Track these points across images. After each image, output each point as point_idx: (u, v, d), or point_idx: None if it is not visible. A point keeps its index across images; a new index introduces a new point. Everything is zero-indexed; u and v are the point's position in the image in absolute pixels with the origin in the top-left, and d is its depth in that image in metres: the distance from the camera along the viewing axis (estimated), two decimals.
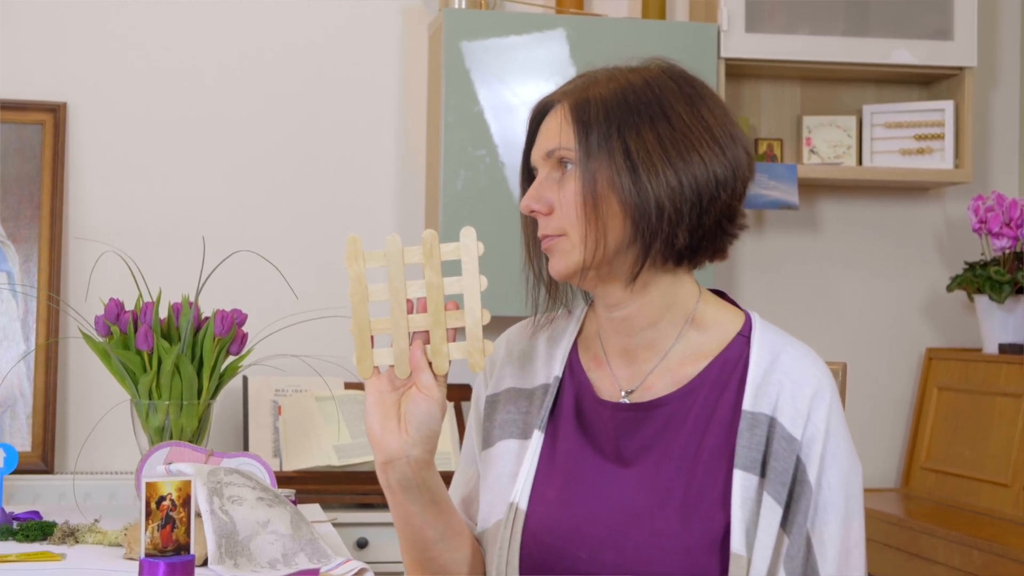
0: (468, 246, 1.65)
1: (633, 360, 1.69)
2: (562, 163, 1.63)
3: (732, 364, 1.65)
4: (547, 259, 1.70)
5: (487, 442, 1.74)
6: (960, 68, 3.62)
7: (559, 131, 1.63)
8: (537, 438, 1.69)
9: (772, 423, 1.59)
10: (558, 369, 1.73)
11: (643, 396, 1.67)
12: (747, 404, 1.61)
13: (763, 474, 1.58)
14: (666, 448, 1.63)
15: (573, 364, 1.74)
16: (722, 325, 1.68)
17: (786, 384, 1.61)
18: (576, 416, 1.69)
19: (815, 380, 1.62)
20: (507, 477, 1.69)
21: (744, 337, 1.67)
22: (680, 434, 1.63)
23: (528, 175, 1.71)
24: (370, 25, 3.56)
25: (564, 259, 1.63)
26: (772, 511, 1.57)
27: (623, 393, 1.67)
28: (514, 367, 1.78)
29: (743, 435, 1.59)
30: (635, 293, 1.65)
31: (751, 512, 1.57)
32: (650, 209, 1.59)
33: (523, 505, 1.65)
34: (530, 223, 1.71)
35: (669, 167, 1.59)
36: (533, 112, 1.70)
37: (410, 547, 1.68)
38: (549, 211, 1.63)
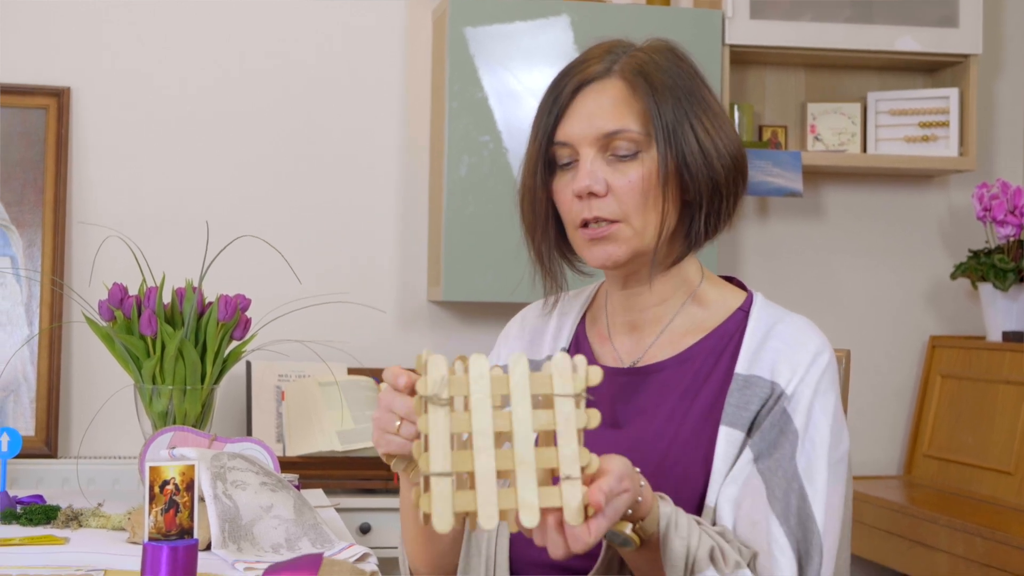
0: (563, 369, 1.36)
1: (637, 334, 1.71)
2: (617, 144, 1.61)
3: (729, 335, 1.67)
4: (554, 246, 1.70)
5: None
6: (965, 55, 3.61)
7: (629, 111, 1.61)
8: None
9: (773, 387, 1.60)
10: (564, 341, 1.75)
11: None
12: (740, 368, 1.63)
13: (750, 433, 1.59)
14: (655, 411, 1.64)
15: (579, 337, 1.76)
16: (723, 301, 1.71)
17: (784, 349, 1.62)
18: None
19: (813, 345, 1.63)
20: None
21: (744, 312, 1.70)
22: (671, 398, 1.64)
23: (546, 152, 1.66)
24: (374, 11, 3.55)
25: (623, 246, 1.62)
26: (747, 460, 1.58)
27: (627, 366, 1.69)
28: (524, 341, 1.80)
29: (732, 395, 1.61)
30: (656, 275, 1.66)
31: (732, 467, 1.58)
32: (719, 194, 1.63)
33: None
34: (543, 201, 1.68)
35: (727, 152, 1.63)
36: (571, 86, 1.65)
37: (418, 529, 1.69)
38: (605, 193, 1.61)
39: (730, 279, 1.76)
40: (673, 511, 1.49)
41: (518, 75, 3.34)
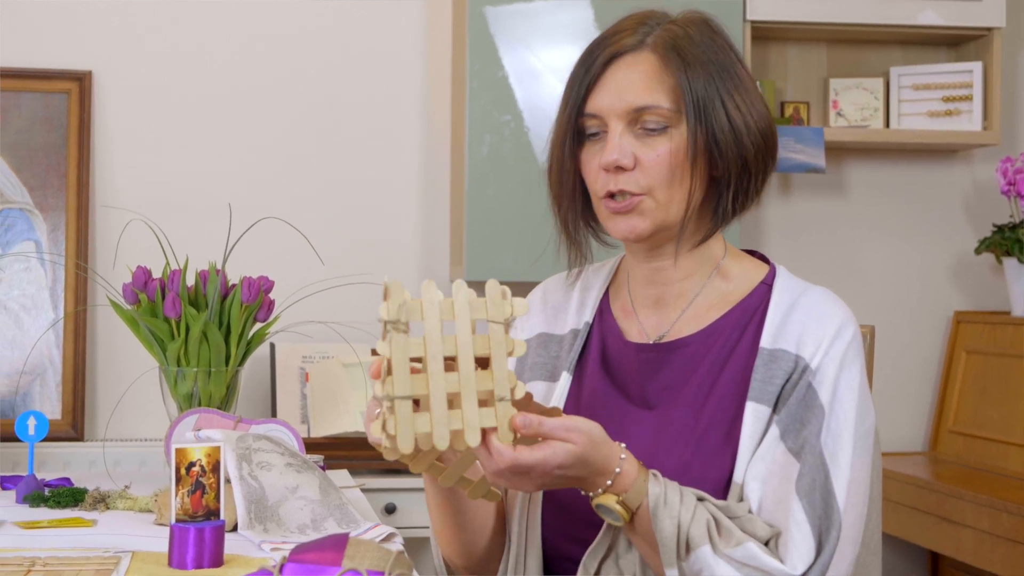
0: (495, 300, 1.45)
1: (663, 308, 1.71)
2: (646, 119, 1.60)
3: (753, 308, 1.67)
4: (574, 218, 1.70)
5: None
6: (988, 29, 3.59)
7: (658, 86, 1.61)
8: (565, 380, 1.72)
9: (797, 361, 1.59)
10: (588, 315, 1.75)
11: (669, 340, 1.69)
12: (765, 342, 1.62)
13: (776, 408, 1.59)
14: (683, 388, 1.64)
15: (604, 311, 1.76)
16: (747, 275, 1.71)
17: (809, 323, 1.62)
18: (602, 359, 1.71)
19: (838, 318, 1.63)
20: None
21: (767, 285, 1.70)
22: (697, 373, 1.64)
23: (575, 123, 1.66)
24: None
25: (647, 219, 1.62)
26: (773, 437, 1.58)
27: (652, 341, 1.69)
28: (548, 314, 1.80)
29: (758, 370, 1.61)
30: (682, 251, 1.67)
31: (759, 443, 1.58)
32: (749, 171, 1.63)
33: None
34: (570, 172, 1.68)
35: (757, 129, 1.64)
36: (603, 58, 1.64)
37: (442, 507, 1.70)
38: (633, 167, 1.61)
39: (752, 252, 1.76)
40: (663, 489, 1.50)
41: (538, 54, 3.33)
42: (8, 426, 2.87)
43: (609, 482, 1.50)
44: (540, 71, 3.32)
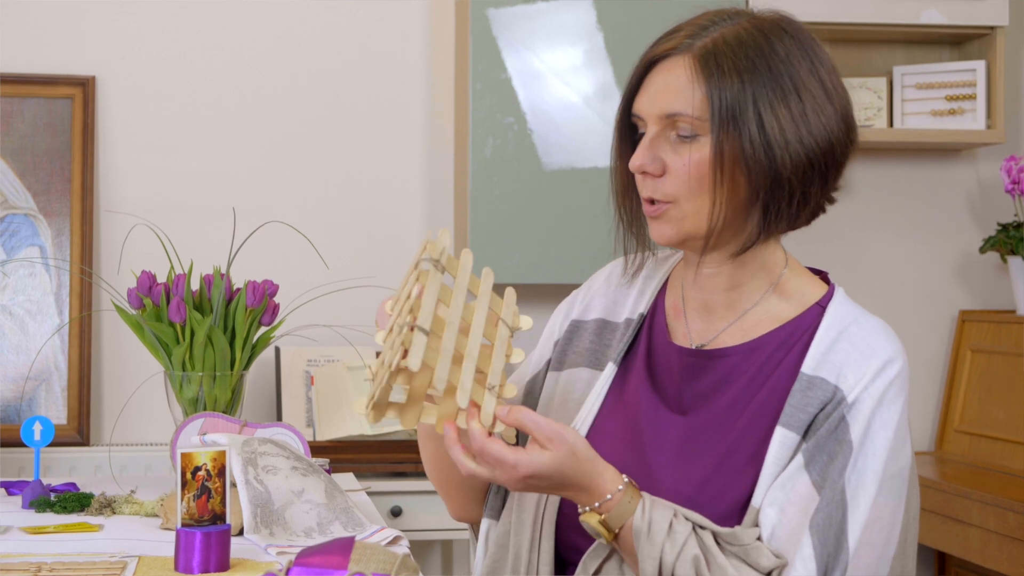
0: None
1: (710, 316, 1.68)
2: (679, 125, 1.57)
3: (802, 330, 1.63)
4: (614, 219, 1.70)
5: (559, 364, 1.77)
6: (991, 27, 3.58)
7: (689, 93, 1.56)
8: (610, 370, 1.71)
9: (835, 392, 1.56)
10: (644, 307, 1.74)
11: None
12: (806, 368, 1.58)
13: (805, 437, 1.57)
14: (718, 399, 1.62)
15: (657, 306, 1.74)
16: (803, 293, 1.67)
17: (853, 354, 1.58)
18: (647, 357, 1.70)
19: (885, 353, 1.59)
20: (573, 403, 1.72)
21: (821, 307, 1.65)
22: (734, 387, 1.62)
23: (627, 123, 1.66)
24: None
25: (673, 227, 1.60)
26: (798, 465, 1.55)
27: (694, 347, 1.67)
28: (608, 298, 1.79)
29: (794, 395, 1.57)
30: (723, 260, 1.65)
31: (783, 470, 1.56)
32: (782, 188, 1.56)
33: (583, 432, 1.67)
34: (619, 172, 1.67)
35: (801, 145, 1.56)
36: (648, 59, 1.62)
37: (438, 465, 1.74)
38: (661, 173, 1.59)
39: (817, 271, 1.73)
40: (647, 524, 1.50)
41: (541, 55, 3.33)
42: (14, 431, 2.88)
43: (597, 503, 1.50)
44: (543, 73, 3.32)
